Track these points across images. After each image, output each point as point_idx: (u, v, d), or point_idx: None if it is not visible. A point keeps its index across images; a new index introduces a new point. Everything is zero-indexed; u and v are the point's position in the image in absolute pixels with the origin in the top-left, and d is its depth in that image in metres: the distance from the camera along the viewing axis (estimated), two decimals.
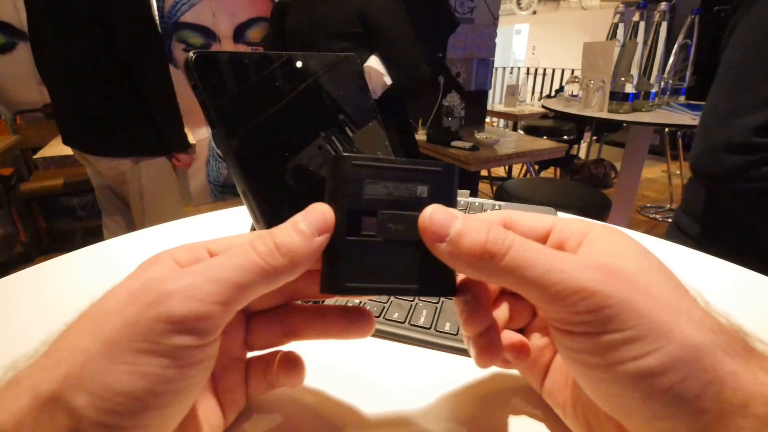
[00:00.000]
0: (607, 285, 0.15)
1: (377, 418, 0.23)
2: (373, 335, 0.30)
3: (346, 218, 0.17)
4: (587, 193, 1.41)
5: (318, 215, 0.17)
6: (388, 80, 1.12)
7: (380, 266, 0.17)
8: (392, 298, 0.33)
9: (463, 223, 0.17)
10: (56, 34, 1.13)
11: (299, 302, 0.22)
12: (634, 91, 1.35)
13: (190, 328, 0.14)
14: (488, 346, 0.19)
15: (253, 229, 0.33)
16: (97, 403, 0.13)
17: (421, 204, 0.18)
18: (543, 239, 0.20)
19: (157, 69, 1.16)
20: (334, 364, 0.27)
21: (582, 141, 3.06)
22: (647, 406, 0.15)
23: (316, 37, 1.17)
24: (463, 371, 0.26)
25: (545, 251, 0.16)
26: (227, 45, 2.72)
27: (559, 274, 0.15)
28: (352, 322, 0.20)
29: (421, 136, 2.32)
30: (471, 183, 2.12)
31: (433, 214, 0.17)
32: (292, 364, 0.21)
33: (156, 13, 2.42)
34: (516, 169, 3.04)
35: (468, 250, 0.16)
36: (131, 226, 1.44)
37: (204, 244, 0.19)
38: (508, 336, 0.21)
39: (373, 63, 1.12)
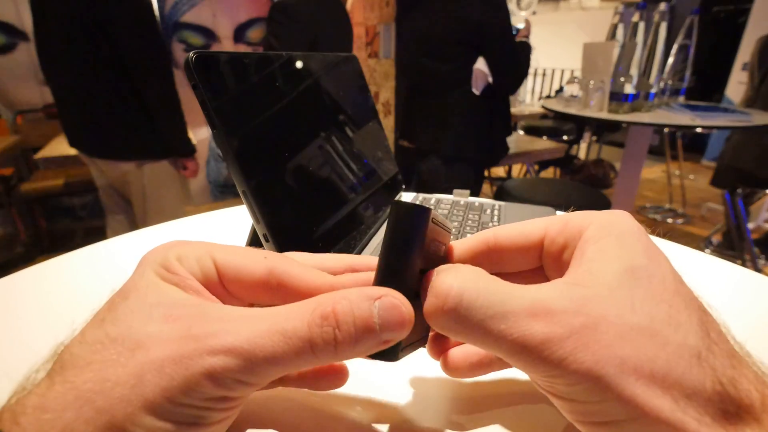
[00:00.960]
0: (574, 362, 0.14)
1: (377, 418, 0.23)
2: None
3: (405, 280, 0.15)
4: (587, 193, 1.41)
5: (396, 317, 0.14)
6: (490, 79, 1.28)
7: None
8: None
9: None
10: (61, 39, 1.14)
11: None
12: (633, 92, 1.35)
13: (227, 399, 0.15)
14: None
15: (253, 229, 0.33)
16: None
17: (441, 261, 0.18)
18: (537, 249, 0.19)
19: (160, 76, 1.16)
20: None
21: (582, 141, 3.06)
22: None
23: (434, 41, 1.29)
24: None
25: (510, 317, 0.14)
26: (227, 45, 2.72)
27: (524, 353, 0.14)
28: (336, 370, 0.21)
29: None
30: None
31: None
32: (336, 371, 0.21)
33: (157, 14, 2.43)
34: (516, 169, 3.04)
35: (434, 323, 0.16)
36: (134, 225, 1.44)
37: (210, 251, 0.18)
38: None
39: (480, 65, 1.27)
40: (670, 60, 1.47)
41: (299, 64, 0.37)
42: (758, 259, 1.83)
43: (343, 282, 0.18)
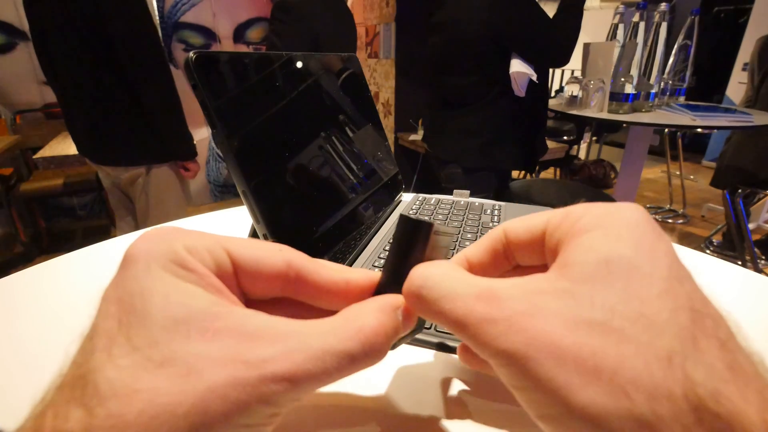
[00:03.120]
0: (506, 342, 0.13)
1: (377, 417, 0.23)
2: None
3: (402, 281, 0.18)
4: (590, 193, 1.41)
5: (411, 322, 0.17)
6: (534, 76, 1.17)
7: None
8: None
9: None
10: (62, 50, 1.14)
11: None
12: (633, 92, 1.35)
13: (286, 406, 0.14)
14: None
15: (253, 229, 0.33)
16: None
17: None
18: (540, 244, 0.18)
19: (159, 79, 1.17)
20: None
21: (582, 141, 3.06)
22: None
23: (452, 59, 1.23)
24: (463, 370, 0.26)
25: (458, 297, 0.15)
26: (227, 45, 2.73)
27: (466, 329, 0.15)
28: None
29: (421, 136, 2.32)
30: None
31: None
32: None
33: (156, 14, 2.43)
34: None
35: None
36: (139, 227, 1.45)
37: (223, 243, 0.17)
38: None
39: (517, 67, 1.16)
40: (671, 60, 1.47)
41: (299, 64, 0.37)
42: (759, 260, 1.83)
43: (357, 280, 0.18)
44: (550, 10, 1.19)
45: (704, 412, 0.11)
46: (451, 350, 0.28)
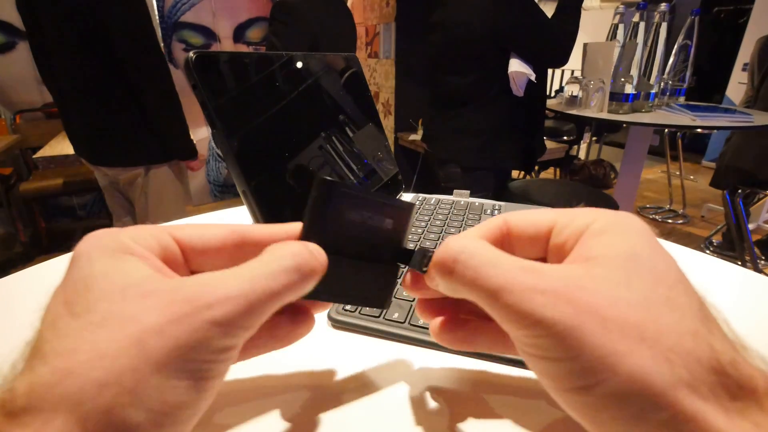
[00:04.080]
0: (553, 311, 0.14)
1: (378, 416, 0.23)
2: (374, 335, 0.30)
3: (323, 233, 0.19)
4: (590, 193, 1.41)
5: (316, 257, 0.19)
6: (532, 76, 1.18)
7: (344, 280, 0.20)
8: (394, 297, 0.33)
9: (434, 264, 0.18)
10: (59, 50, 1.13)
11: None
12: (633, 92, 1.35)
13: (231, 347, 0.16)
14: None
15: None
16: (155, 417, 0.14)
17: (385, 233, 0.21)
18: (545, 240, 0.19)
19: (159, 80, 1.16)
20: (336, 363, 0.27)
21: (582, 141, 3.07)
22: (602, 428, 0.14)
23: (449, 57, 1.25)
24: (462, 370, 0.27)
25: (502, 266, 0.16)
26: (227, 45, 2.72)
27: (509, 296, 0.15)
28: (301, 314, 0.21)
29: (421, 136, 2.32)
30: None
31: (409, 283, 0.21)
32: (302, 313, 0.21)
33: (156, 14, 2.43)
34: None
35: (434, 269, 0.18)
36: None
37: (168, 229, 0.18)
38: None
39: (516, 67, 1.17)
40: (671, 60, 1.47)
41: (299, 64, 0.37)
42: (758, 260, 1.83)
43: (297, 229, 0.20)
44: (549, 10, 1.19)
45: (725, 376, 0.13)
46: (461, 351, 0.28)
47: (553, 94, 3.19)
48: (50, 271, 0.40)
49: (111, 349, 0.14)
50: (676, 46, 1.46)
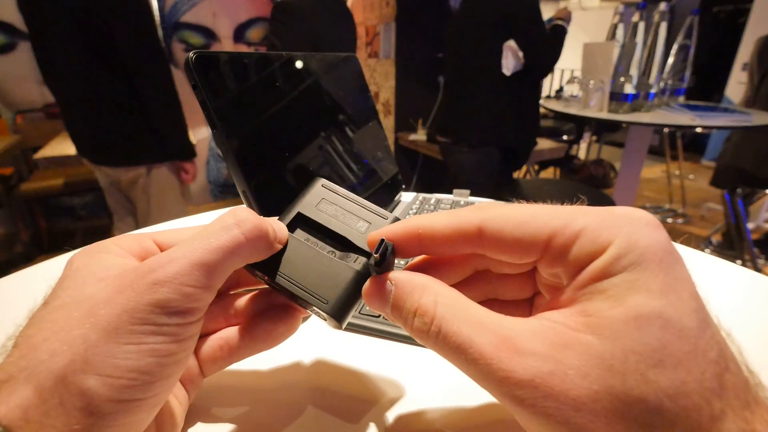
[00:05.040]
0: (533, 409, 0.13)
1: (378, 416, 0.23)
2: (374, 335, 0.30)
3: (293, 216, 0.21)
4: (589, 194, 1.41)
5: (268, 228, 0.20)
6: (520, 62, 1.37)
7: (306, 271, 0.20)
8: None
9: (394, 305, 0.17)
10: (61, 50, 1.13)
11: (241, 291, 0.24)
12: (633, 92, 1.35)
13: (185, 310, 0.16)
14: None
15: None
16: (110, 382, 0.14)
17: (357, 234, 0.21)
18: (537, 252, 0.16)
19: (160, 80, 1.17)
20: (336, 363, 0.27)
21: (582, 141, 3.06)
22: None
23: (465, 35, 1.43)
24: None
25: (478, 335, 0.14)
26: (227, 45, 2.72)
27: (484, 376, 0.14)
28: (283, 314, 0.22)
29: (421, 136, 2.32)
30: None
31: (366, 287, 0.18)
32: (285, 313, 0.22)
33: (157, 14, 2.42)
34: None
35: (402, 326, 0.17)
36: (139, 227, 1.45)
37: (150, 235, 0.20)
38: None
39: (511, 43, 1.36)
40: (670, 60, 1.47)
41: (299, 64, 0.37)
42: (758, 259, 1.83)
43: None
44: (548, 11, 1.22)
45: None
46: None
47: (553, 93, 3.19)
48: (50, 271, 0.40)
49: (66, 324, 0.15)
50: (675, 46, 1.46)
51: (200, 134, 2.75)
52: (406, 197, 0.55)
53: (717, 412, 0.12)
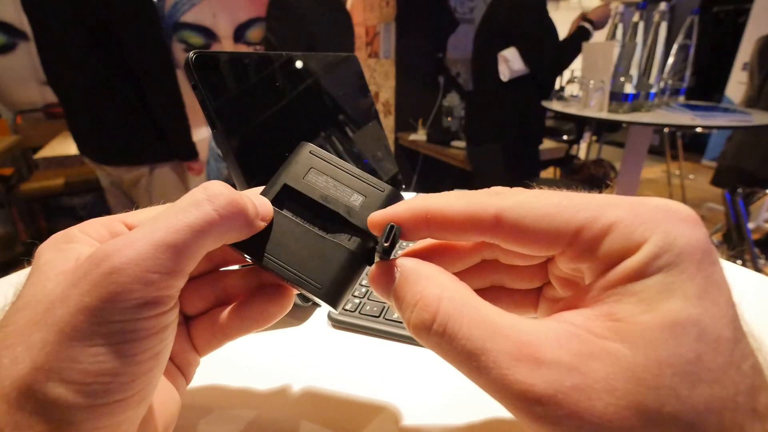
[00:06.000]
0: (550, 422, 0.12)
1: (378, 416, 0.23)
2: (374, 335, 0.30)
3: (279, 190, 0.19)
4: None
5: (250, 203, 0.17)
6: (520, 70, 1.46)
7: (296, 251, 0.18)
8: None
9: (395, 295, 0.15)
10: (65, 49, 1.14)
11: (229, 268, 0.22)
12: (633, 92, 1.35)
13: (151, 300, 0.14)
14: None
15: None
16: (80, 388, 0.13)
17: (350, 209, 0.18)
18: (562, 246, 0.14)
19: (164, 79, 1.17)
20: (336, 363, 0.27)
21: (582, 141, 3.06)
22: None
23: (477, 41, 1.60)
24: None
25: (492, 341, 0.13)
26: (227, 45, 2.72)
27: (512, 383, 0.12)
28: (275, 293, 0.20)
29: (421, 136, 2.32)
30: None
31: (372, 272, 0.16)
32: (277, 291, 0.20)
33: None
34: None
35: (408, 322, 0.15)
36: None
37: (119, 217, 0.18)
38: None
39: (505, 53, 1.45)
40: (670, 60, 1.47)
41: (299, 64, 0.37)
42: (758, 259, 1.83)
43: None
44: (558, 13, 1.24)
45: None
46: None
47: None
48: None
49: (26, 327, 0.14)
50: (675, 46, 1.45)
51: (200, 134, 2.75)
52: (406, 197, 0.55)
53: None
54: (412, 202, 0.16)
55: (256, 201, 0.17)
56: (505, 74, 1.47)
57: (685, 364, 0.11)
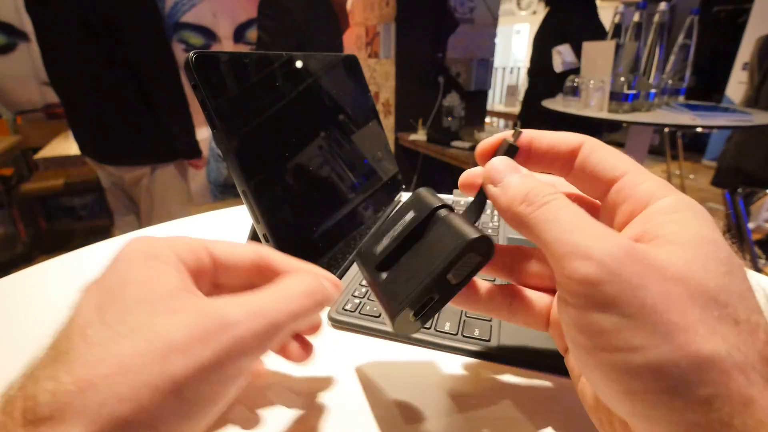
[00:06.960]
0: (620, 264, 0.14)
1: (378, 416, 0.23)
2: (374, 335, 0.30)
3: (371, 272, 0.21)
4: None
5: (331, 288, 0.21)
6: (573, 62, 1.67)
7: (398, 286, 0.20)
8: None
9: (516, 177, 0.19)
10: (68, 48, 1.14)
11: None
12: (633, 92, 1.35)
13: (255, 356, 0.17)
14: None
15: (253, 229, 0.33)
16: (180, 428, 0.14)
17: (412, 224, 0.21)
18: (599, 191, 0.20)
19: (168, 79, 1.17)
20: (336, 363, 0.27)
21: None
22: (629, 402, 0.14)
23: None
24: (463, 370, 0.27)
25: (577, 218, 0.16)
26: (227, 45, 2.72)
27: (578, 240, 0.15)
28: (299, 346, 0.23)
29: (421, 136, 2.32)
30: None
31: (494, 160, 0.19)
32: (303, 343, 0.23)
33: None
34: None
35: (511, 197, 0.18)
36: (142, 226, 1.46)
37: (204, 243, 0.20)
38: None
39: (563, 49, 1.68)
40: (671, 60, 1.47)
41: (299, 64, 0.37)
42: (758, 259, 1.83)
43: (311, 266, 0.22)
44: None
45: None
46: (461, 351, 0.28)
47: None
48: (50, 271, 0.40)
49: (135, 364, 0.13)
50: (675, 46, 1.45)
51: (200, 134, 2.75)
52: (406, 197, 0.55)
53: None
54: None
55: (333, 283, 0.21)
56: (558, 66, 1.64)
57: (722, 259, 0.15)
